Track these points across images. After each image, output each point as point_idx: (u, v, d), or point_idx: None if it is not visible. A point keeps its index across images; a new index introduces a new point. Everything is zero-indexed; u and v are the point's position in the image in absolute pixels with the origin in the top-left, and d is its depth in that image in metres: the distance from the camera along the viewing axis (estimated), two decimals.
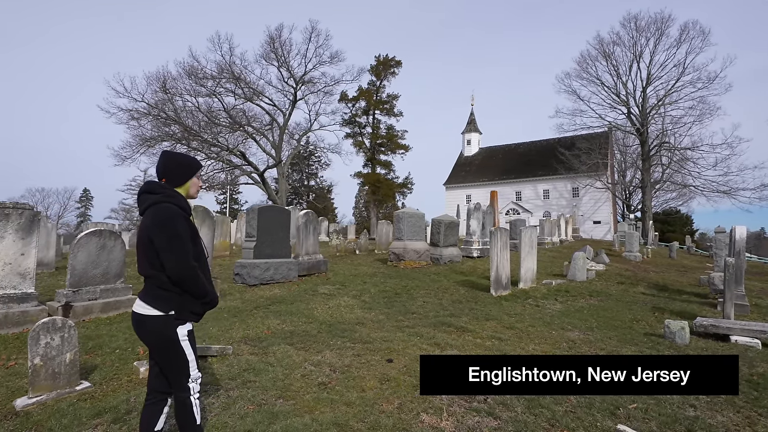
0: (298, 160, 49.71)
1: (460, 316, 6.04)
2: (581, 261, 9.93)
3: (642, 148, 33.89)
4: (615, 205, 41.41)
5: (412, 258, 10.62)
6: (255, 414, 2.95)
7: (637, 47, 32.94)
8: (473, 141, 50.11)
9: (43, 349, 3.17)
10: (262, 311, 6.04)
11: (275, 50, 33.30)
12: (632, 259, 15.30)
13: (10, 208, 4.92)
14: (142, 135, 30.09)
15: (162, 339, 2.04)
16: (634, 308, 7.32)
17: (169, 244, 1.98)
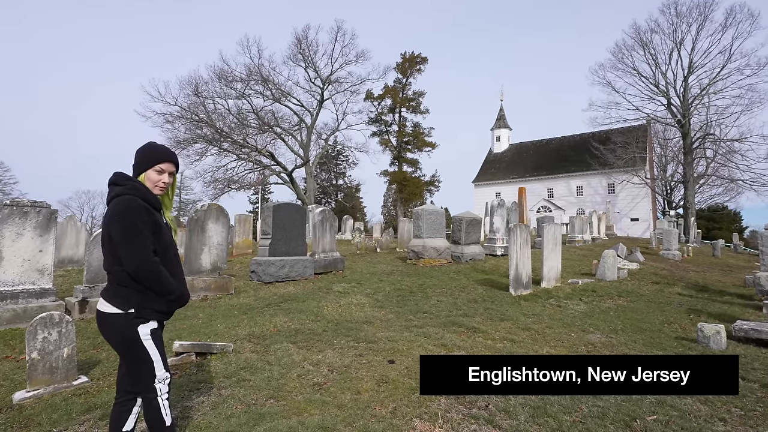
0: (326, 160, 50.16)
1: (473, 316, 5.79)
2: (611, 259, 9.39)
3: (684, 141, 32.00)
4: (654, 201, 39.40)
5: (432, 256, 10.38)
6: (242, 414, 2.86)
7: (678, 34, 31.14)
8: (503, 137, 49.00)
9: (40, 344, 3.20)
10: (273, 309, 6.01)
11: (302, 51, 33.74)
12: (670, 258, 14.41)
13: (28, 207, 5.09)
14: (175, 137, 31.19)
15: (123, 338, 1.95)
16: (666, 310, 6.81)
17: (126, 238, 1.88)
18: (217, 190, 32.85)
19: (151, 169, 2.04)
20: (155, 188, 2.06)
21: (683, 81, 31.59)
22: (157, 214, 2.04)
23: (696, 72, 31.28)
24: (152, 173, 2.04)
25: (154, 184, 2.06)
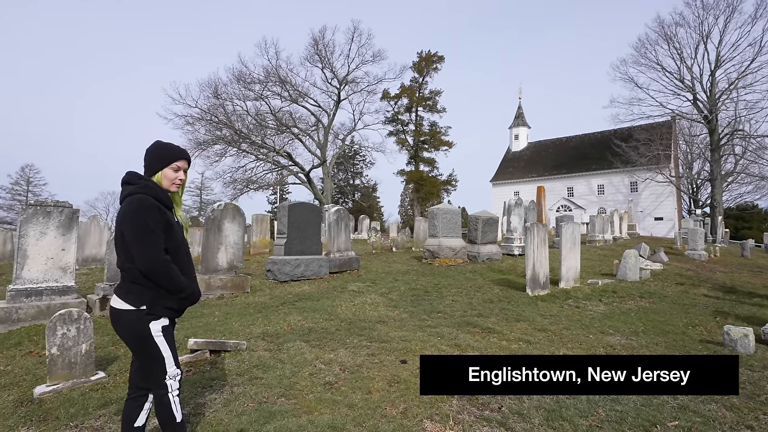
0: (343, 160, 50.38)
1: (488, 316, 5.70)
2: (633, 259, 9.13)
3: (711, 137, 30.95)
4: (680, 200, 38.20)
5: (448, 255, 10.29)
6: (252, 412, 2.87)
7: (704, 27, 30.10)
8: (521, 135, 48.29)
9: (59, 340, 3.29)
10: (287, 307, 6.04)
11: (319, 52, 33.95)
12: (696, 258, 13.92)
13: (51, 206, 5.24)
14: (196, 139, 31.79)
15: (135, 334, 1.98)
16: (691, 312, 6.57)
17: (138, 236, 1.91)
18: (236, 191, 33.37)
19: (168, 167, 2.07)
20: (172, 186, 2.10)
21: (710, 75, 30.52)
22: (168, 212, 2.06)
23: (724, 66, 30.19)
24: (169, 171, 2.08)
25: (171, 182, 2.09)
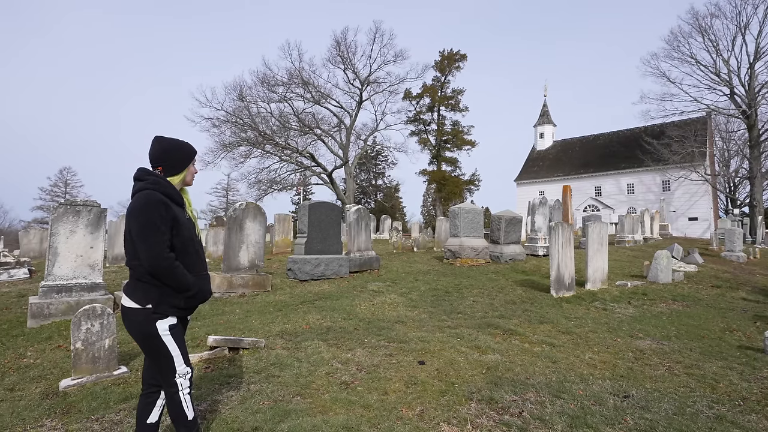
0: (366, 160, 50.54)
1: (510, 317, 5.55)
2: (665, 260, 8.74)
3: (749, 133, 29.41)
4: (716, 199, 36.55)
5: (469, 255, 10.12)
6: (268, 410, 2.86)
7: (742, 17, 28.61)
8: (546, 134, 47.25)
9: (84, 334, 3.37)
10: (307, 306, 6.06)
11: (341, 53, 34.14)
12: (733, 260, 13.24)
13: (80, 206, 5.41)
14: (221, 141, 32.51)
15: (142, 333, 1.98)
16: (728, 316, 6.23)
17: (142, 233, 1.90)
18: (260, 191, 33.96)
19: (192, 164, 2.18)
20: (193, 179, 2.22)
21: (748, 68, 28.99)
22: (178, 208, 2.06)
23: (763, 58, 28.59)
24: (192, 167, 2.19)
25: (193, 176, 2.21)
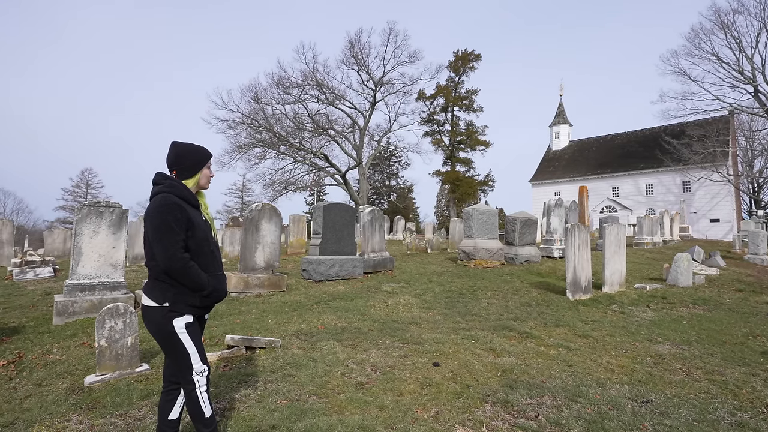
0: (379, 161, 50.60)
1: (525, 320, 5.51)
2: (685, 263, 8.56)
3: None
4: (739, 200, 35.51)
5: (484, 257, 10.06)
6: (284, 409, 2.91)
7: (766, 13, 27.84)
8: (562, 134, 46.59)
9: (107, 332, 3.47)
10: (321, 306, 6.11)
11: (355, 54, 34.29)
12: (757, 263, 12.89)
13: (103, 207, 5.57)
14: (237, 142, 32.97)
15: (160, 331, 2.05)
16: (752, 321, 6.07)
17: (157, 234, 1.98)
18: (275, 192, 34.33)
19: (206, 167, 2.23)
20: (207, 183, 2.27)
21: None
22: (193, 210, 2.12)
23: None
24: (206, 170, 2.23)
25: (208, 179, 2.26)
